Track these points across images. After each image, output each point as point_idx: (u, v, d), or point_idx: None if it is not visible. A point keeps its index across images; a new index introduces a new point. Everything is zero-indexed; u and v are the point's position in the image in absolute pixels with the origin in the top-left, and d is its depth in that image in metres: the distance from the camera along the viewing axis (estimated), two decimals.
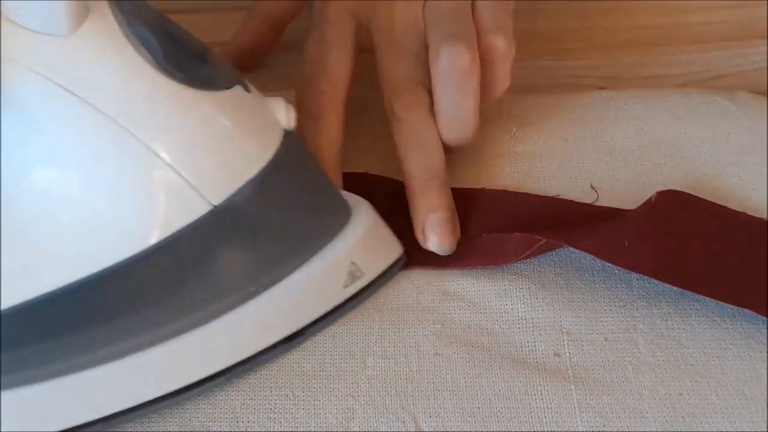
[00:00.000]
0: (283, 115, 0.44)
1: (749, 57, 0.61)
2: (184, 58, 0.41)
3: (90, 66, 0.39)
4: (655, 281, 0.47)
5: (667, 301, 0.47)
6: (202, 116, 0.41)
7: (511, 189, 0.52)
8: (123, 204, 0.40)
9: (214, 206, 0.41)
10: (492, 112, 0.55)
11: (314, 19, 0.53)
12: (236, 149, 0.42)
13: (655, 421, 0.42)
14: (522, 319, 0.46)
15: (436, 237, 0.48)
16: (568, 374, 0.44)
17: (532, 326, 0.46)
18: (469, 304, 0.47)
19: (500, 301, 0.47)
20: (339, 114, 0.50)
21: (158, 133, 0.40)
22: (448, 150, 0.50)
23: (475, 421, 0.43)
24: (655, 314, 0.46)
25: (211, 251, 0.42)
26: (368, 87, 0.52)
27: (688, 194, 0.50)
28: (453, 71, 0.48)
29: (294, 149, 0.44)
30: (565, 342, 0.45)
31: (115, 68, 0.39)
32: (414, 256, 0.48)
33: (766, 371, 0.44)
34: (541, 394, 0.43)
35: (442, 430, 0.42)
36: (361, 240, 0.46)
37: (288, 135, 0.44)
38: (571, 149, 0.54)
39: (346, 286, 0.45)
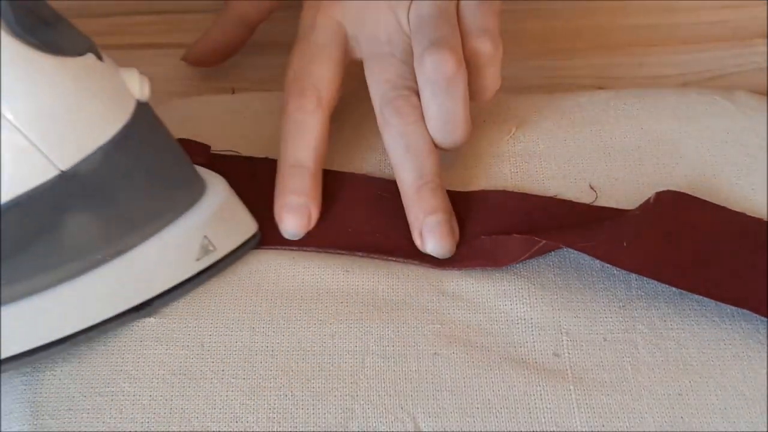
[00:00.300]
0: (136, 86, 0.44)
1: (749, 57, 0.61)
2: (36, 24, 0.41)
3: None
4: (655, 282, 0.47)
5: (666, 302, 0.47)
6: (52, 80, 0.41)
7: (510, 189, 0.52)
8: None
9: (62, 171, 0.41)
10: (491, 112, 0.55)
11: (301, 26, 0.53)
12: (86, 115, 0.42)
13: (654, 421, 0.42)
14: (521, 319, 0.46)
15: (433, 240, 0.48)
16: (567, 374, 0.44)
17: (532, 326, 0.46)
18: (468, 304, 0.47)
19: (499, 302, 0.47)
20: (323, 122, 0.50)
21: (5, 95, 0.40)
22: (444, 151, 0.50)
23: (474, 421, 0.43)
24: (654, 315, 0.46)
25: (59, 216, 0.42)
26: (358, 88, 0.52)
27: (686, 195, 0.50)
28: (438, 78, 0.48)
29: (146, 121, 0.44)
30: (565, 342, 0.45)
31: None
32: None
33: (765, 371, 0.44)
34: (540, 394, 0.43)
35: (441, 430, 0.42)
36: (215, 215, 0.46)
37: (141, 106, 0.44)
38: (571, 149, 0.54)
39: (198, 260, 0.46)
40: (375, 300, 0.47)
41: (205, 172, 0.48)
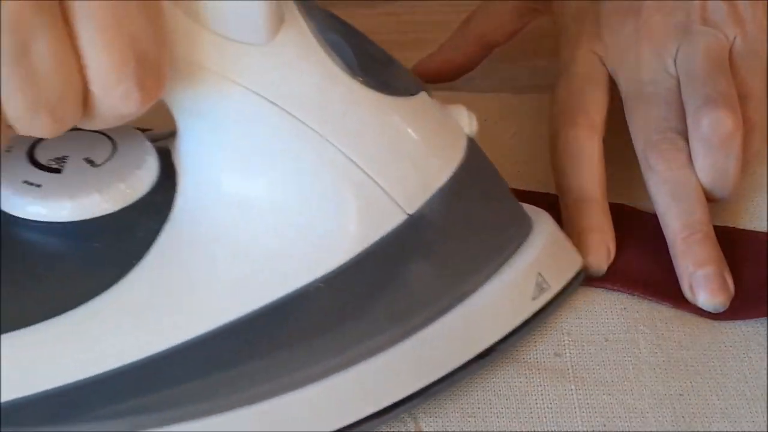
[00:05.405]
0: (465, 121, 0.43)
1: None
2: (372, 64, 0.40)
3: (288, 74, 0.38)
4: None
5: (668, 306, 0.47)
6: (395, 122, 0.40)
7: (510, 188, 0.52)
8: (325, 214, 0.39)
9: (410, 215, 0.40)
10: (492, 112, 0.55)
11: (561, 62, 0.52)
12: (427, 156, 0.41)
13: (655, 421, 0.42)
14: None
15: (704, 294, 0.46)
16: (568, 374, 0.44)
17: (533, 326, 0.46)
18: None
19: None
20: (599, 148, 0.49)
21: (355, 141, 0.39)
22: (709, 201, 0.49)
23: (475, 421, 0.43)
24: (655, 317, 0.46)
25: (406, 263, 0.40)
26: None
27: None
28: (714, 139, 0.47)
29: (477, 156, 0.43)
30: (566, 342, 0.45)
31: (312, 76, 0.38)
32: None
33: (766, 371, 0.44)
34: (542, 394, 0.43)
35: (442, 429, 0.42)
36: (546, 250, 0.44)
37: (471, 143, 0.43)
38: None
39: (534, 299, 0.44)
40: None
41: (526, 206, 0.46)
